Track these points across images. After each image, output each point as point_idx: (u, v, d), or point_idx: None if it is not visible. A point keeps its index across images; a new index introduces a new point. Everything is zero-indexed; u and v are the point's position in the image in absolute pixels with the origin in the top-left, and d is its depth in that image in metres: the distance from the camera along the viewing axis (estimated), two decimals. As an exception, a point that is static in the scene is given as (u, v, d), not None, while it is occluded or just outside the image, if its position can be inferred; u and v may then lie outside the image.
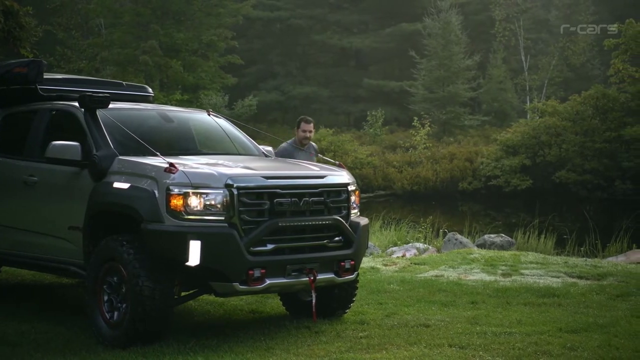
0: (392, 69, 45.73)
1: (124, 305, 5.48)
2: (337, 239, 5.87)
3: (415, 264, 9.74)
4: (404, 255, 10.70)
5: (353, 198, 6.12)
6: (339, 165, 6.46)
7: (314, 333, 5.81)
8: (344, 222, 5.89)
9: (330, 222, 5.81)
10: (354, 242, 5.93)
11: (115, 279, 5.57)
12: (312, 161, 7.44)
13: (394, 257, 10.70)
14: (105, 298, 5.61)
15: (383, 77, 43.10)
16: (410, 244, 11.47)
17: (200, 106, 28.25)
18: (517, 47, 37.17)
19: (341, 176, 6.13)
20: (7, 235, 6.69)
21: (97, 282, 5.63)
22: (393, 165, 28.43)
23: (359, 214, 6.28)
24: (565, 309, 6.64)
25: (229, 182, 5.42)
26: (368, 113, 34.31)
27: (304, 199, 5.68)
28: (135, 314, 5.32)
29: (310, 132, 7.85)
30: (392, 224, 13.10)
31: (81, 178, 6.00)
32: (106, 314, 5.57)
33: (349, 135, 33.09)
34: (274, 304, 7.05)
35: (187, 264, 5.27)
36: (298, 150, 7.70)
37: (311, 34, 44.04)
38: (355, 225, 6.01)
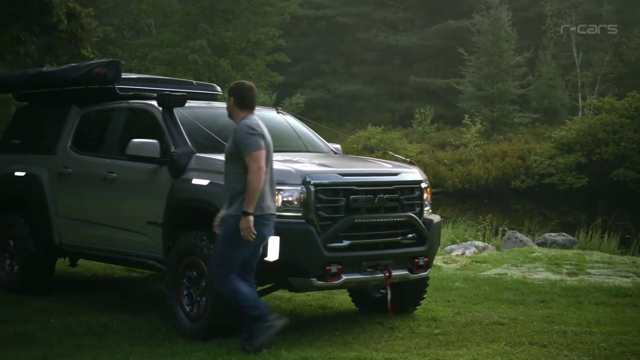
0: (438, 67, 45.41)
1: (203, 299, 5.62)
2: (410, 235, 5.91)
3: (476, 262, 9.72)
4: (463, 253, 10.67)
5: (425, 195, 6.16)
6: (411, 163, 6.49)
7: (388, 329, 5.87)
8: (417, 219, 5.93)
9: (404, 219, 5.85)
10: (427, 239, 5.97)
11: (194, 273, 5.71)
12: None
13: (453, 255, 10.68)
14: (185, 292, 5.75)
15: (429, 74, 42.84)
16: (469, 242, 11.43)
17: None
18: (567, 43, 36.46)
19: (414, 173, 6.17)
20: (85, 229, 6.91)
21: (177, 276, 5.78)
22: (443, 163, 28.25)
23: (430, 211, 6.31)
24: (642, 309, 6.55)
25: (306, 178, 5.51)
26: (416, 111, 34.13)
27: (379, 195, 5.73)
28: (215, 308, 5.45)
29: None
30: (449, 222, 13.05)
31: (159, 175, 6.16)
32: (186, 307, 5.72)
33: (398, 133, 33.01)
34: (342, 299, 7.12)
35: (266, 259, 5.37)
36: None
37: (356, 32, 44.03)
38: (428, 222, 6.05)
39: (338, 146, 7.38)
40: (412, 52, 44.41)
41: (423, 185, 6.13)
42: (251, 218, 4.89)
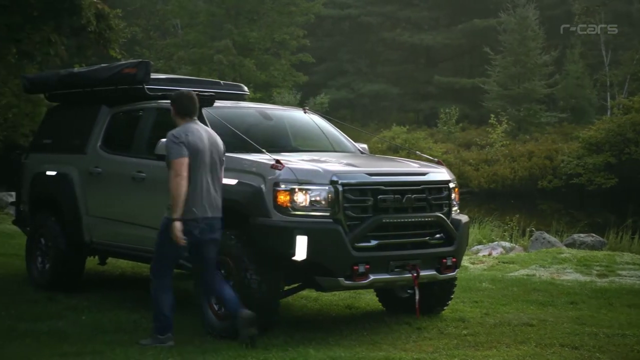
0: (463, 66, 45.11)
1: (231, 298, 5.64)
2: (438, 235, 5.89)
3: (504, 262, 9.65)
4: (490, 254, 10.59)
5: (454, 195, 6.13)
6: (439, 163, 6.47)
7: (416, 329, 5.85)
8: (445, 219, 5.90)
9: (432, 219, 5.83)
10: (455, 239, 5.94)
11: (223, 271, 5.73)
12: None
13: (480, 255, 10.61)
14: (213, 290, 5.80)
15: (454, 74, 42.57)
16: (496, 243, 11.34)
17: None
18: (596, 42, 35.94)
19: (442, 173, 6.15)
20: (115, 228, 6.98)
21: (205, 274, 5.82)
22: (469, 163, 28.03)
23: (458, 211, 6.27)
24: (676, 312, 6.44)
25: (334, 178, 5.52)
26: (441, 110, 33.92)
27: (407, 195, 5.72)
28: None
29: None
30: (475, 223, 12.96)
31: (188, 174, 6.20)
32: (214, 306, 5.76)
33: (423, 133, 32.85)
34: (368, 299, 7.12)
35: (294, 258, 5.39)
36: None
37: (381, 32, 43.92)
38: (456, 223, 6.02)
39: (365, 146, 7.37)
40: (437, 52, 44.17)
41: (451, 185, 6.11)
42: (177, 224, 5.12)
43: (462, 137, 32.72)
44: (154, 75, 7.21)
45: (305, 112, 7.45)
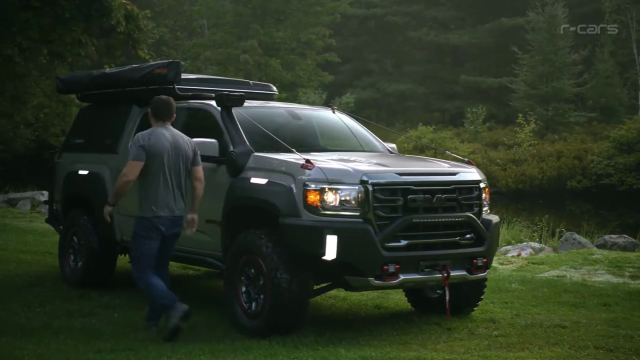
0: (489, 65, 44.69)
1: (261, 297, 5.68)
2: (468, 236, 5.85)
3: (533, 263, 9.55)
4: (519, 255, 10.49)
5: (484, 195, 6.08)
6: (469, 162, 6.42)
7: (446, 330, 5.82)
8: (476, 219, 5.86)
9: (462, 219, 5.80)
10: (486, 239, 5.89)
11: (252, 271, 5.77)
12: None
13: (508, 255, 10.51)
14: (243, 289, 5.83)
15: (480, 73, 42.18)
16: (525, 243, 11.22)
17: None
18: (627, 41, 35.33)
19: (472, 173, 6.11)
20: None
21: (235, 274, 5.86)
22: (496, 163, 27.75)
23: (489, 211, 6.23)
24: None
25: (364, 178, 5.51)
26: (468, 110, 33.66)
27: (437, 195, 5.69)
28: (274, 305, 5.50)
29: None
30: (504, 223, 12.85)
31: (218, 174, 6.25)
32: (244, 305, 5.80)
33: (449, 132, 32.63)
34: (397, 299, 7.10)
35: (324, 257, 5.39)
36: None
37: (407, 31, 43.71)
38: (487, 223, 5.98)
39: (394, 145, 7.35)
40: (463, 51, 43.82)
41: (482, 185, 6.07)
42: (108, 207, 5.83)
43: (489, 137, 32.41)
44: (183, 76, 7.27)
45: (333, 112, 7.45)
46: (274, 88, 8.15)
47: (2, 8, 11.61)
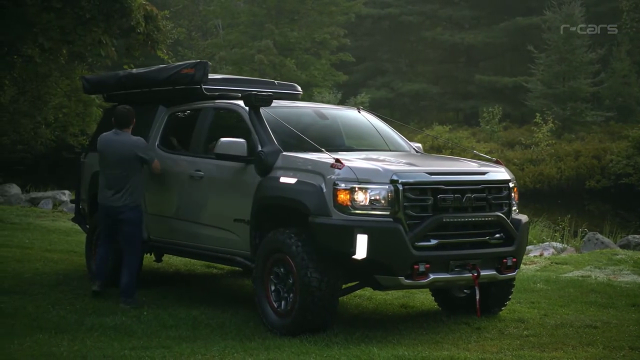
0: (504, 65, 44.46)
1: (290, 295, 5.70)
2: (498, 235, 5.84)
3: (557, 263, 9.52)
4: (541, 254, 10.45)
5: (513, 195, 6.08)
6: (497, 162, 6.41)
7: (476, 329, 5.82)
8: (505, 218, 5.85)
9: (492, 218, 5.79)
10: (515, 239, 5.88)
11: (282, 270, 5.80)
12: None
13: (531, 255, 10.47)
14: (272, 288, 5.86)
15: (494, 72, 41.98)
16: (547, 243, 11.18)
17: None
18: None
19: (502, 173, 6.11)
20: (172, 226, 7.10)
21: (265, 272, 5.89)
22: (513, 163, 27.56)
23: (517, 211, 6.21)
24: None
25: (394, 177, 5.52)
26: (484, 109, 33.50)
27: (467, 195, 5.69)
28: (304, 304, 5.52)
29: None
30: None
31: (246, 173, 6.27)
32: (274, 303, 5.82)
33: (466, 132, 32.51)
34: (422, 298, 7.10)
35: (354, 257, 5.40)
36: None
37: (421, 31, 43.59)
38: (516, 222, 5.97)
39: (419, 145, 7.36)
40: (478, 51, 43.63)
41: (511, 184, 6.06)
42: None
43: (504, 137, 32.25)
44: (210, 76, 7.31)
45: (359, 112, 7.46)
46: (299, 88, 8.18)
47: (23, 10, 11.73)
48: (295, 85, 8.18)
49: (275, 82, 8.10)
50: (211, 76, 7.35)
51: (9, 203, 15.17)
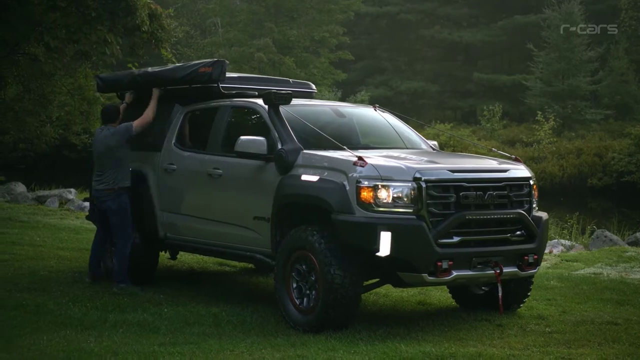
0: (502, 63, 44.55)
1: (313, 292, 5.72)
2: (519, 232, 5.87)
3: (567, 260, 9.57)
4: (551, 252, 10.49)
5: (533, 192, 6.11)
6: (516, 160, 6.44)
7: (497, 326, 5.85)
8: (527, 215, 5.89)
9: (514, 215, 5.82)
10: (536, 236, 5.92)
11: (304, 267, 5.82)
12: None
13: (540, 253, 10.50)
14: (294, 285, 5.88)
15: (493, 71, 42.07)
16: (556, 240, 11.22)
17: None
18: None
19: (522, 170, 6.14)
20: (190, 224, 7.11)
21: (287, 270, 5.91)
22: (515, 161, 27.70)
23: (537, 208, 6.25)
24: None
25: (417, 175, 5.55)
26: (484, 107, 33.58)
27: (489, 192, 5.72)
28: (327, 301, 5.55)
29: None
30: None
31: (266, 171, 6.29)
32: (295, 300, 5.84)
33: (466, 130, 32.56)
34: (439, 295, 7.13)
35: (378, 254, 5.43)
36: None
37: (419, 29, 43.64)
38: (537, 220, 6.00)
39: (435, 143, 7.37)
40: (477, 49, 43.72)
41: (531, 182, 6.09)
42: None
43: (504, 135, 32.34)
44: (227, 74, 7.30)
45: (375, 110, 7.49)
46: (313, 86, 8.19)
47: (29, 9, 11.69)
48: (310, 83, 8.19)
49: (290, 80, 8.10)
50: (228, 74, 7.35)
51: (16, 201, 15.14)
